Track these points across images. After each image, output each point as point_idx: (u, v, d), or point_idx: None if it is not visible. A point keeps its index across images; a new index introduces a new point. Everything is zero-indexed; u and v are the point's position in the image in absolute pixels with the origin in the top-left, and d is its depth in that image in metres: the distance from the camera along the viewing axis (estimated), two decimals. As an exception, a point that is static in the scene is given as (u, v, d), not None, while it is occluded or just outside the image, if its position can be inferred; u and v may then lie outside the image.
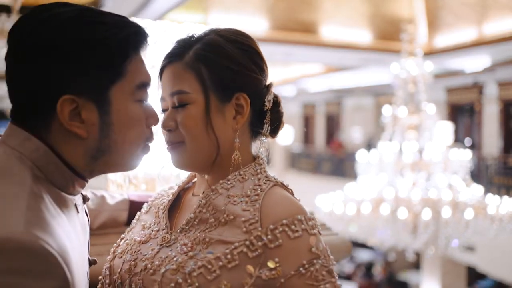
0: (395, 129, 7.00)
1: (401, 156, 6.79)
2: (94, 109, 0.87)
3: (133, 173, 1.57)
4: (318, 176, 15.75)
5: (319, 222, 1.04)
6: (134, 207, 1.31)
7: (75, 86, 0.85)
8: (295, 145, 18.31)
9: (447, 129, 9.11)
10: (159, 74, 1.07)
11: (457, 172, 6.76)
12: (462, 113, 13.12)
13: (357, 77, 12.78)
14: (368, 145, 13.17)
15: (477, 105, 12.17)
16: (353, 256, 13.94)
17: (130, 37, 0.91)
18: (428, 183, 6.66)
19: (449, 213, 6.19)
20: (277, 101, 1.10)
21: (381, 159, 6.85)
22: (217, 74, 1.02)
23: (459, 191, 6.48)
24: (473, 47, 8.81)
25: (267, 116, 1.07)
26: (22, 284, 0.71)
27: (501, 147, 11.40)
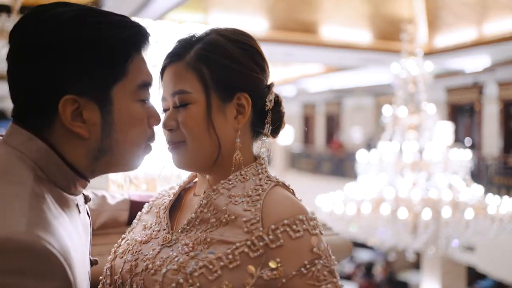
0: (395, 129, 7.00)
1: (401, 156, 6.79)
2: (96, 109, 0.87)
3: (133, 173, 1.56)
4: (318, 176, 15.75)
5: (320, 222, 1.04)
6: (135, 207, 1.31)
7: (77, 86, 0.85)
8: (295, 145, 18.31)
9: (447, 129, 9.10)
10: (160, 73, 1.07)
11: (457, 172, 6.76)
12: (462, 113, 13.11)
13: (357, 77, 12.78)
14: (368, 145, 13.16)
15: (477, 105, 12.17)
16: (353, 256, 13.93)
17: (131, 37, 0.90)
18: (428, 183, 6.65)
19: (449, 213, 6.19)
20: (278, 101, 1.09)
21: (381, 159, 6.85)
22: (218, 73, 1.01)
23: (459, 191, 6.48)
24: (473, 47, 8.81)
25: (268, 116, 1.06)
26: (23, 284, 0.71)
27: (501, 147, 11.40)
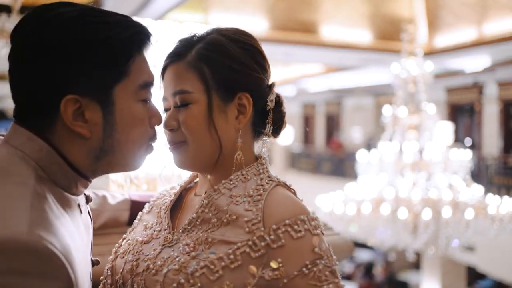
0: (395, 129, 6.99)
1: (401, 156, 6.79)
2: (97, 109, 0.87)
3: (134, 173, 1.56)
4: (318, 176, 15.75)
5: (321, 222, 1.04)
6: (135, 207, 1.31)
7: (79, 86, 0.85)
8: (295, 145, 18.31)
9: (447, 129, 9.11)
10: (161, 73, 1.06)
11: (457, 172, 6.76)
12: (462, 113, 13.12)
13: (357, 77, 12.77)
14: (368, 145, 13.16)
15: (477, 105, 12.17)
16: (353, 256, 13.92)
17: (133, 36, 0.90)
18: (428, 183, 6.65)
19: (450, 213, 6.19)
20: (279, 101, 1.09)
21: (381, 159, 6.85)
22: (219, 73, 1.01)
23: (460, 191, 6.47)
24: (473, 47, 8.81)
25: (269, 115, 1.06)
26: (25, 284, 0.71)
27: (501, 147, 11.40)
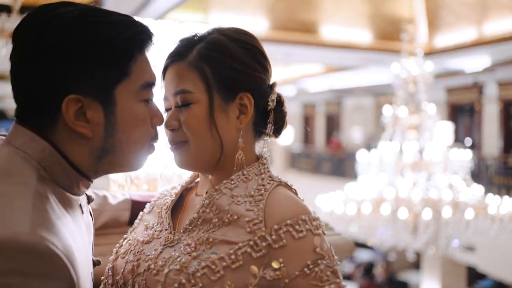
0: (396, 129, 7.00)
1: (401, 156, 6.79)
2: (99, 109, 0.87)
3: (135, 173, 1.56)
4: (318, 176, 15.75)
5: (323, 222, 1.04)
6: (136, 207, 1.31)
7: (80, 85, 0.85)
8: (295, 145, 18.31)
9: (447, 129, 9.11)
10: (162, 73, 1.06)
11: (458, 172, 6.76)
12: (462, 113, 13.12)
13: (357, 77, 12.77)
14: (368, 145, 13.16)
15: (477, 105, 12.17)
16: (353, 256, 13.92)
17: (135, 36, 0.90)
18: (428, 183, 6.65)
19: (450, 213, 6.19)
20: (280, 101, 1.09)
21: (381, 159, 6.85)
22: (220, 73, 1.01)
23: (460, 191, 6.48)
24: (473, 47, 8.81)
25: (270, 115, 1.06)
26: (27, 284, 0.71)
27: (501, 147, 11.40)
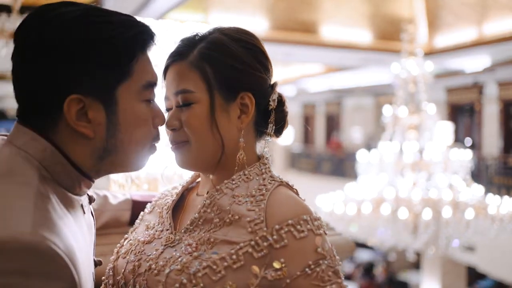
0: (396, 129, 6.99)
1: (401, 156, 6.79)
2: (101, 109, 0.87)
3: (135, 173, 1.56)
4: (318, 176, 15.75)
5: (324, 222, 1.03)
6: (137, 207, 1.31)
7: (82, 85, 0.85)
8: (295, 145, 18.30)
9: (447, 129, 9.11)
10: (163, 73, 1.06)
11: (458, 172, 6.76)
12: (462, 113, 13.11)
13: (357, 77, 12.77)
14: (367, 145, 13.16)
15: (477, 105, 12.17)
16: (353, 256, 13.90)
17: (137, 36, 0.90)
18: (428, 183, 6.65)
19: (450, 213, 6.19)
20: (281, 101, 1.09)
21: (381, 159, 6.85)
22: (221, 73, 1.01)
23: (460, 191, 6.48)
24: (473, 47, 8.81)
25: (271, 115, 1.06)
26: (28, 284, 0.71)
27: (501, 147, 11.40)
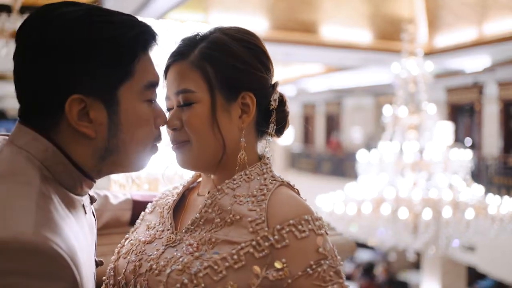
0: (396, 129, 7.00)
1: (401, 156, 6.80)
2: (102, 109, 0.87)
3: (136, 173, 1.55)
4: (318, 176, 15.74)
5: (325, 222, 1.03)
6: (137, 207, 1.30)
7: (84, 85, 0.85)
8: (295, 145, 18.30)
9: (447, 129, 9.11)
10: (164, 72, 1.06)
11: (458, 172, 6.76)
12: (462, 113, 13.11)
13: (357, 77, 12.77)
14: (367, 145, 13.15)
15: (477, 105, 12.16)
16: (353, 256, 13.88)
17: (138, 36, 0.90)
18: (428, 183, 6.65)
19: (450, 213, 6.19)
20: (282, 100, 1.09)
21: (381, 159, 6.85)
22: (222, 72, 1.00)
23: (460, 191, 6.48)
24: (473, 47, 8.81)
25: (272, 115, 1.06)
26: (30, 285, 0.71)
27: (501, 147, 11.40)
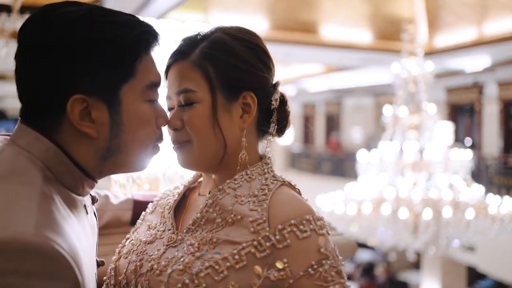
0: (396, 129, 6.99)
1: (401, 156, 6.79)
2: (104, 109, 0.87)
3: (136, 173, 1.55)
4: (318, 176, 15.74)
5: (326, 222, 1.03)
6: (138, 207, 1.30)
7: (85, 85, 0.85)
8: (295, 145, 18.30)
9: (447, 129, 9.10)
10: (165, 72, 1.06)
11: (458, 172, 6.76)
12: (462, 113, 13.11)
13: (357, 77, 12.77)
14: (368, 145, 13.15)
15: (477, 105, 12.16)
16: (353, 256, 13.87)
17: (140, 36, 0.90)
18: (428, 183, 6.65)
19: (450, 213, 6.19)
20: (284, 100, 1.09)
21: (381, 159, 6.84)
22: (224, 72, 1.00)
23: (460, 191, 6.47)
24: (473, 47, 8.80)
25: (274, 115, 1.06)
26: (32, 285, 0.71)
27: (501, 147, 11.39)
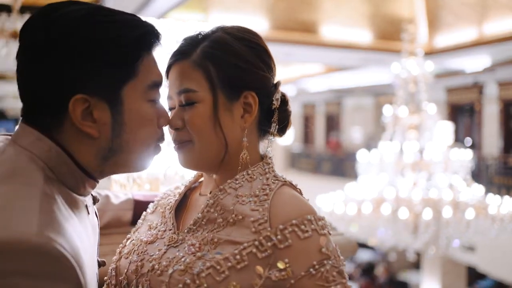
0: (396, 129, 6.99)
1: (401, 156, 6.79)
2: (106, 109, 0.87)
3: (137, 173, 1.55)
4: (318, 176, 15.74)
5: (328, 222, 1.03)
6: (139, 207, 1.30)
7: (87, 85, 0.85)
8: (295, 145, 18.29)
9: (447, 129, 9.10)
10: (166, 72, 1.05)
11: (458, 172, 6.75)
12: (462, 113, 13.11)
13: (357, 77, 12.77)
14: (368, 145, 13.14)
15: (477, 105, 12.16)
16: (353, 256, 13.87)
17: (142, 36, 0.90)
18: (428, 183, 6.65)
19: (450, 213, 6.19)
20: (285, 100, 1.09)
21: (381, 159, 6.84)
22: (225, 72, 1.00)
23: (460, 191, 6.47)
24: (473, 47, 8.80)
25: (275, 114, 1.05)
26: (34, 286, 0.71)
27: (501, 147, 11.39)
